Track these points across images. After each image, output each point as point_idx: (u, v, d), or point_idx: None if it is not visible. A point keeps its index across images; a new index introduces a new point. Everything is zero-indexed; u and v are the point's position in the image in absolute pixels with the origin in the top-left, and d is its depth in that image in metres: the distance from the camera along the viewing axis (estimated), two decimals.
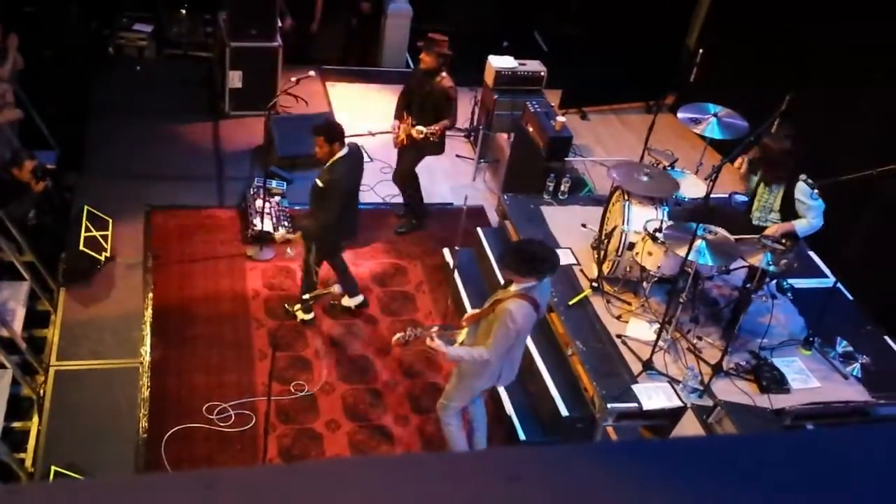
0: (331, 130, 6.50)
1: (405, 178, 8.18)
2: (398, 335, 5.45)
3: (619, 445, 2.91)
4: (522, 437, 6.31)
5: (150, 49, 10.56)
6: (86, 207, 7.61)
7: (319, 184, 6.51)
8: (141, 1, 10.57)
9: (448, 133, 10.00)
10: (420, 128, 7.69)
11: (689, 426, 5.78)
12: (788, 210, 6.41)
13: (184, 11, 10.66)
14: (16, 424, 6.03)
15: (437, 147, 8.06)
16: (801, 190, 6.29)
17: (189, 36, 10.75)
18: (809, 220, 6.33)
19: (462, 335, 5.61)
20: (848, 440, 1.41)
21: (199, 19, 10.72)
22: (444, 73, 7.68)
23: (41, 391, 6.24)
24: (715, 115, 7.26)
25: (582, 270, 7.05)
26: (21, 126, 8.18)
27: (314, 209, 6.73)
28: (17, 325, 6.58)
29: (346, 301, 7.29)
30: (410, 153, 8.01)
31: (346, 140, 6.59)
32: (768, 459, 1.28)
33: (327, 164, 6.50)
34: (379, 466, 1.25)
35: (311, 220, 6.78)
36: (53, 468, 5.56)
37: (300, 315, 7.11)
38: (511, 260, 5.28)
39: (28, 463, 5.76)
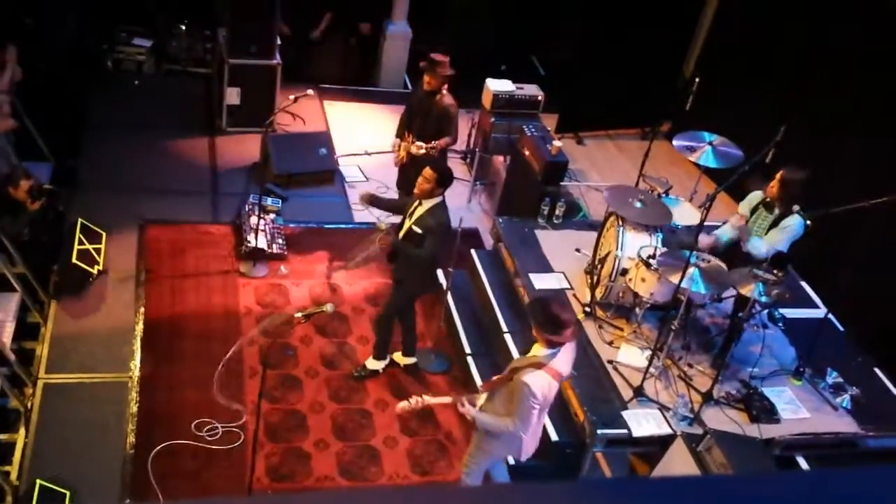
0: (446, 175, 6.31)
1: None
2: (403, 404, 5.30)
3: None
4: (511, 461, 6.28)
5: (149, 64, 10.58)
6: (80, 220, 7.60)
7: (417, 230, 6.27)
8: (140, 16, 10.60)
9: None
10: (420, 143, 7.70)
11: (678, 454, 5.77)
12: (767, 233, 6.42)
13: (183, 27, 10.69)
14: (2, 437, 6.00)
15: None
16: (796, 222, 6.27)
17: (188, 52, 10.78)
18: (772, 244, 6.31)
19: (481, 399, 5.33)
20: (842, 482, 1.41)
21: (198, 35, 10.76)
22: (444, 92, 7.72)
23: (29, 404, 6.21)
24: (710, 143, 7.28)
25: (575, 295, 7.06)
26: (17, 138, 8.17)
27: (407, 255, 6.40)
28: (7, 336, 6.55)
29: (401, 359, 7.10)
30: (412, 172, 7.97)
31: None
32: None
33: (426, 206, 6.27)
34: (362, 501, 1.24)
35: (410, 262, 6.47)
36: (39, 482, 5.51)
37: (373, 365, 6.99)
38: (537, 312, 5.02)
39: (13, 476, 5.72)
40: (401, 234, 6.41)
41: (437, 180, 6.21)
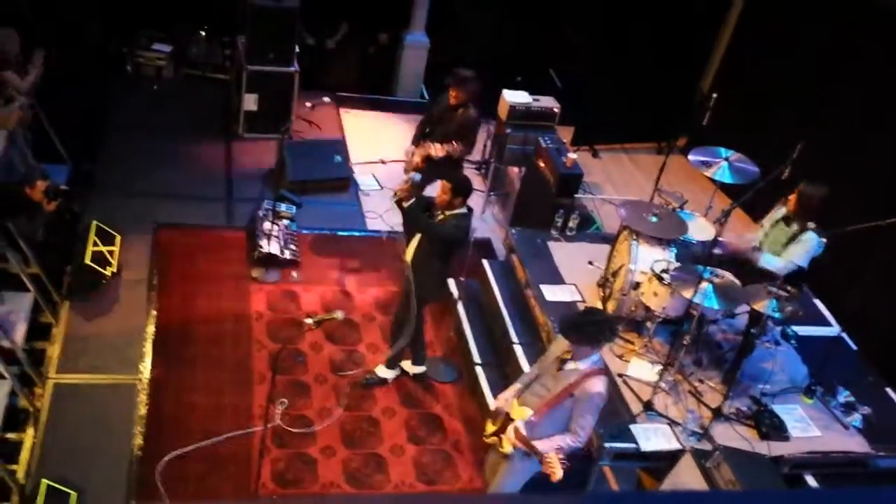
0: (461, 185, 6.30)
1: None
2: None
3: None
4: None
5: (169, 69, 10.65)
6: (94, 222, 7.64)
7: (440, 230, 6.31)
8: (161, 21, 10.68)
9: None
10: (438, 145, 7.67)
11: (686, 470, 5.73)
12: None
13: (203, 33, 10.76)
14: (10, 435, 6.02)
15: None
16: (814, 237, 6.25)
17: (207, 57, 10.85)
18: (790, 260, 6.28)
19: (520, 424, 5.17)
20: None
21: (217, 41, 10.83)
22: (469, 105, 7.70)
23: (38, 403, 6.23)
24: (726, 159, 7.26)
25: None
26: (35, 140, 8.24)
27: (425, 259, 6.46)
28: (19, 336, 6.59)
29: (410, 367, 7.11)
30: (430, 176, 7.96)
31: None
32: None
33: (449, 217, 6.30)
34: None
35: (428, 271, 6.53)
36: (45, 482, 5.53)
37: (383, 373, 7.00)
38: (600, 326, 5.05)
39: (20, 475, 5.73)
40: (414, 246, 6.41)
41: (452, 190, 6.21)
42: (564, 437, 5.06)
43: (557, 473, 4.93)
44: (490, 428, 5.40)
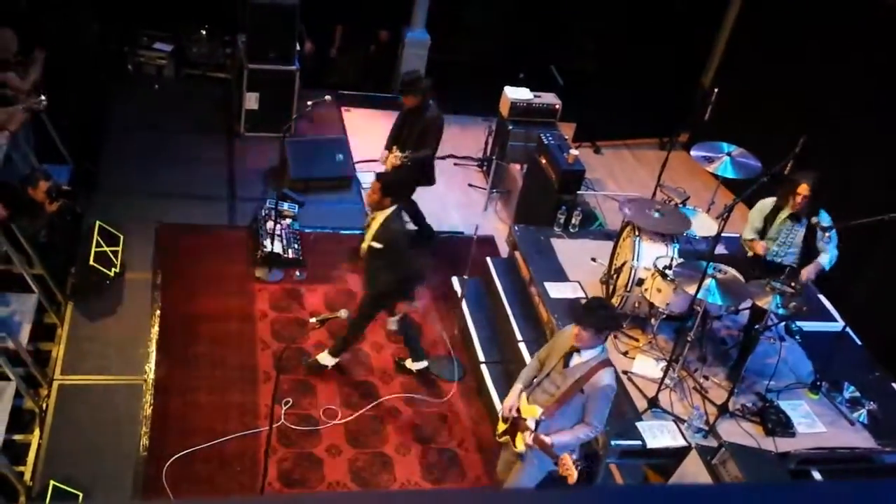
0: (391, 186, 6.31)
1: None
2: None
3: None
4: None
5: (170, 68, 10.64)
6: (97, 223, 7.64)
7: (377, 245, 6.31)
8: (161, 20, 10.67)
9: (460, 162, 10.09)
10: (398, 153, 7.72)
11: (692, 466, 5.73)
12: (809, 243, 6.39)
13: (204, 32, 10.75)
14: (17, 437, 6.02)
15: (425, 176, 8.05)
16: (824, 217, 6.28)
17: (208, 56, 10.83)
18: (830, 251, 6.34)
19: (531, 422, 5.18)
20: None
21: (218, 40, 10.81)
22: (431, 103, 7.72)
23: (44, 404, 6.23)
24: (728, 154, 7.27)
25: None
26: (37, 140, 8.23)
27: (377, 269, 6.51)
28: (24, 337, 6.59)
29: (411, 365, 7.10)
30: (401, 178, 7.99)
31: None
32: None
33: (380, 219, 6.32)
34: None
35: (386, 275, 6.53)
36: (52, 483, 5.53)
37: (325, 360, 6.94)
38: (602, 316, 5.05)
39: (27, 476, 5.74)
40: (364, 248, 6.43)
41: (381, 190, 6.24)
42: (581, 430, 5.10)
43: (573, 475, 5.00)
44: (501, 427, 5.41)
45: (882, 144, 8.13)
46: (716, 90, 8.14)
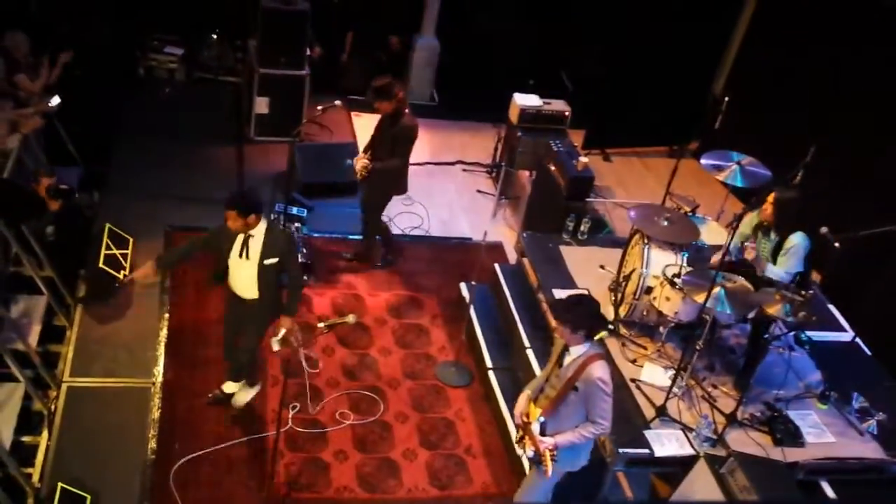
0: (242, 202, 5.83)
1: (367, 209, 8.10)
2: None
3: None
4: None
5: (180, 72, 10.69)
6: (107, 225, 7.66)
7: (271, 261, 5.97)
8: (173, 25, 10.71)
9: (469, 168, 10.10)
10: (365, 161, 7.63)
11: (700, 476, 5.71)
12: (775, 258, 6.34)
13: (215, 36, 10.80)
14: (25, 439, 6.04)
15: (396, 185, 7.88)
16: (799, 240, 6.21)
17: (219, 60, 10.88)
18: (780, 265, 6.24)
19: (535, 424, 5.17)
20: None
21: (229, 45, 10.86)
22: (406, 112, 7.54)
23: (52, 407, 6.25)
24: (738, 163, 7.23)
25: None
26: (48, 142, 8.27)
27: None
28: (33, 339, 6.62)
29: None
30: (366, 187, 7.97)
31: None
32: None
33: (258, 237, 5.96)
34: None
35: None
36: (60, 485, 5.54)
37: (229, 388, 6.57)
38: (585, 314, 5.02)
39: (35, 478, 5.75)
40: (255, 274, 6.01)
41: (238, 212, 5.78)
42: (585, 428, 5.08)
43: (549, 469, 5.04)
44: (517, 433, 5.43)
45: (893, 153, 8.11)
46: (726, 98, 8.12)
